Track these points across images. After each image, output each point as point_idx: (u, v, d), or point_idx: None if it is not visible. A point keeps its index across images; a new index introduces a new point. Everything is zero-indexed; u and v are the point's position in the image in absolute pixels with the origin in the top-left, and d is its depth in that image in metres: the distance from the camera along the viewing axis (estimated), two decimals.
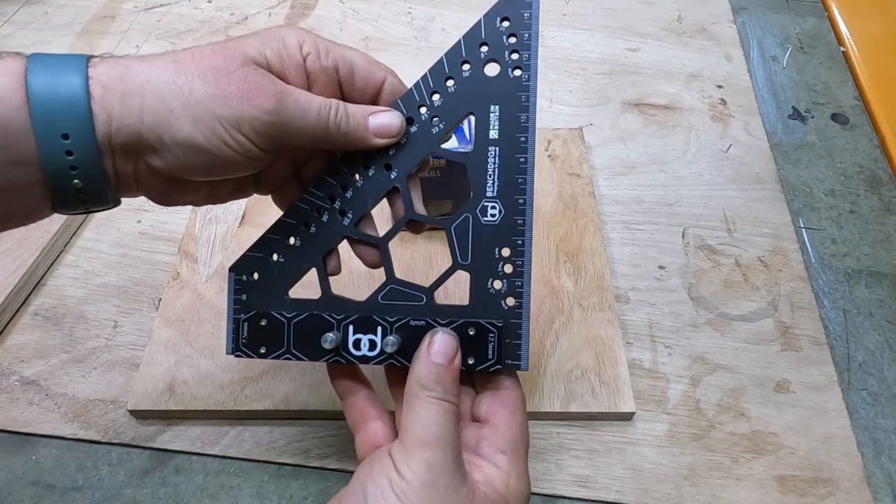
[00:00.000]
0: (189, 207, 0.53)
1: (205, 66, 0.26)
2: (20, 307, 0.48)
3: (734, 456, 0.42)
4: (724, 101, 0.65)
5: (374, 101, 0.30)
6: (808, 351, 0.47)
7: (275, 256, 0.32)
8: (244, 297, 0.32)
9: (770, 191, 0.57)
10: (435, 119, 0.30)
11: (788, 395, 0.45)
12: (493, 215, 0.30)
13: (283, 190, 0.33)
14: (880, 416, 0.45)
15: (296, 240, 0.31)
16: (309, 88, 0.29)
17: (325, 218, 0.31)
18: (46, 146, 0.24)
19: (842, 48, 0.72)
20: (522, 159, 0.30)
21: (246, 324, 0.32)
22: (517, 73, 0.30)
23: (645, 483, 0.41)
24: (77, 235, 0.53)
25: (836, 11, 0.76)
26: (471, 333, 0.30)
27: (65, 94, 0.24)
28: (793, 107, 0.66)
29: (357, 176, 0.31)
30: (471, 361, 0.30)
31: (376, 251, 0.32)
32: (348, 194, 0.31)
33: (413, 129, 0.30)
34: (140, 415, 0.43)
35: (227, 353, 0.32)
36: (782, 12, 0.77)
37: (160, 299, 0.48)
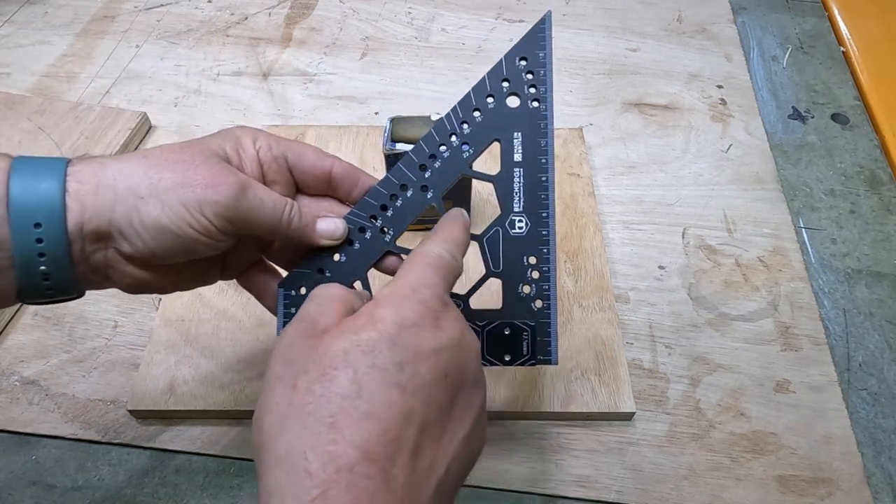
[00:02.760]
0: None
1: (172, 160, 0.29)
2: (20, 307, 0.48)
3: (734, 456, 0.42)
4: (724, 101, 0.65)
5: (328, 184, 0.34)
6: (808, 351, 0.47)
7: (322, 271, 0.34)
8: (293, 311, 0.33)
9: (770, 191, 0.57)
10: (465, 145, 0.34)
11: (788, 395, 0.45)
12: (520, 228, 0.34)
13: (250, 274, 0.35)
14: (880, 416, 0.45)
15: (341, 256, 0.34)
16: (263, 176, 0.32)
17: (367, 235, 0.34)
18: (18, 232, 0.27)
19: (842, 48, 0.72)
20: (544, 178, 0.34)
21: None
22: (535, 104, 0.34)
23: (645, 483, 0.41)
24: None
25: (836, 11, 0.76)
26: (506, 333, 0.34)
27: (42, 187, 0.27)
28: (793, 107, 0.66)
29: (396, 197, 0.34)
30: (507, 358, 0.34)
31: (400, 262, 0.34)
32: (388, 213, 0.34)
33: (446, 153, 0.34)
34: (140, 415, 0.43)
35: None
36: (782, 12, 0.77)
37: (160, 299, 0.48)
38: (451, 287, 0.29)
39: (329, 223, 0.33)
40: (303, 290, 0.33)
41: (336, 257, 0.34)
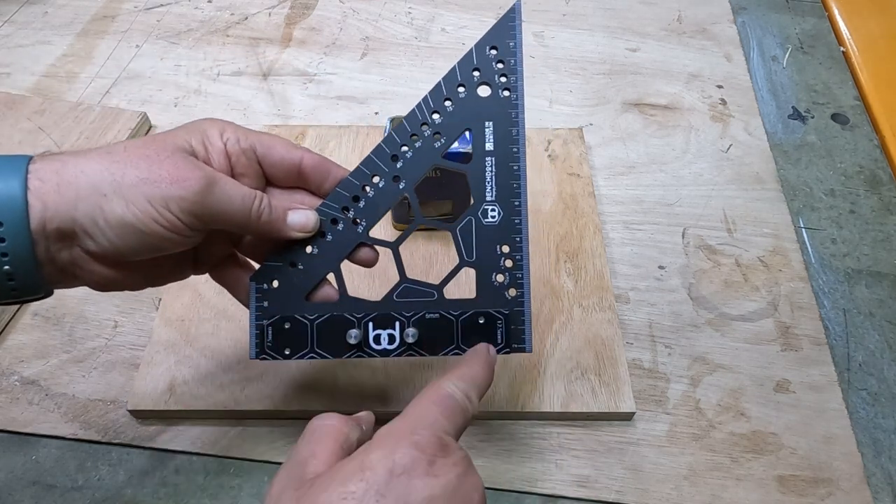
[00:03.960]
0: None
1: (136, 156, 0.28)
2: (20, 307, 0.48)
3: (734, 456, 0.42)
4: (724, 101, 0.65)
5: (299, 176, 0.33)
6: (808, 351, 0.47)
7: (294, 264, 0.34)
8: (265, 303, 0.34)
9: (770, 191, 0.57)
10: (437, 135, 0.34)
11: (788, 395, 0.45)
12: (492, 217, 0.34)
13: (222, 268, 0.35)
14: (880, 416, 0.45)
15: (313, 248, 0.34)
16: (231, 169, 0.32)
17: (340, 227, 0.34)
18: None
19: (842, 48, 0.72)
20: (515, 167, 0.34)
21: (270, 328, 0.34)
22: (506, 93, 0.34)
23: (645, 483, 0.41)
24: None
25: (836, 11, 0.76)
26: (480, 322, 0.34)
27: (2, 186, 0.26)
28: (793, 107, 0.66)
29: (368, 188, 0.34)
30: None
31: (373, 253, 0.35)
32: (361, 204, 0.34)
33: (418, 144, 0.34)
34: (140, 415, 0.43)
35: (251, 358, 0.34)
36: (782, 12, 0.77)
37: (160, 299, 0.48)
38: (459, 430, 0.28)
39: (300, 215, 0.32)
40: (275, 284, 0.33)
41: (308, 249, 0.34)
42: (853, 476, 0.41)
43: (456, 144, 0.44)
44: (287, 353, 0.34)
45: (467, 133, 0.34)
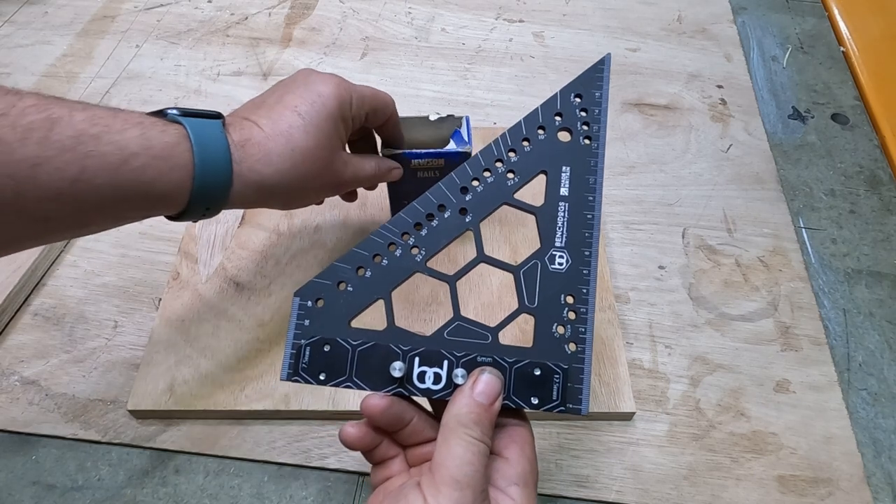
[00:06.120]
0: None
1: (308, 162, 0.35)
2: (20, 307, 0.48)
3: (734, 456, 0.42)
4: (724, 101, 0.65)
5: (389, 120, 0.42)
6: (808, 351, 0.47)
7: (342, 285, 0.32)
8: (306, 322, 0.32)
9: (770, 191, 0.57)
10: (510, 174, 0.33)
11: (788, 395, 0.45)
12: (560, 264, 0.32)
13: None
14: (880, 416, 0.45)
15: (366, 271, 0.32)
16: (348, 137, 0.39)
17: (397, 252, 0.33)
18: (195, 202, 0.32)
19: (842, 48, 0.72)
20: (590, 216, 0.33)
21: (308, 348, 0.32)
22: (587, 141, 0.33)
23: (645, 483, 0.41)
24: None
25: (836, 11, 0.76)
26: (536, 374, 0.31)
27: (217, 169, 0.32)
28: (793, 107, 0.66)
29: (433, 217, 0.33)
30: (535, 401, 0.31)
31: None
32: (423, 232, 0.33)
33: (490, 179, 0.33)
34: (140, 415, 0.43)
35: (282, 379, 0.32)
36: (782, 12, 0.77)
37: (160, 299, 0.48)
38: None
39: (396, 172, 0.44)
40: (320, 303, 0.32)
41: (361, 272, 0.32)
42: (853, 476, 0.41)
43: (452, 144, 0.44)
44: (322, 378, 0.31)
45: (543, 176, 0.33)
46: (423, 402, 0.33)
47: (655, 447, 0.42)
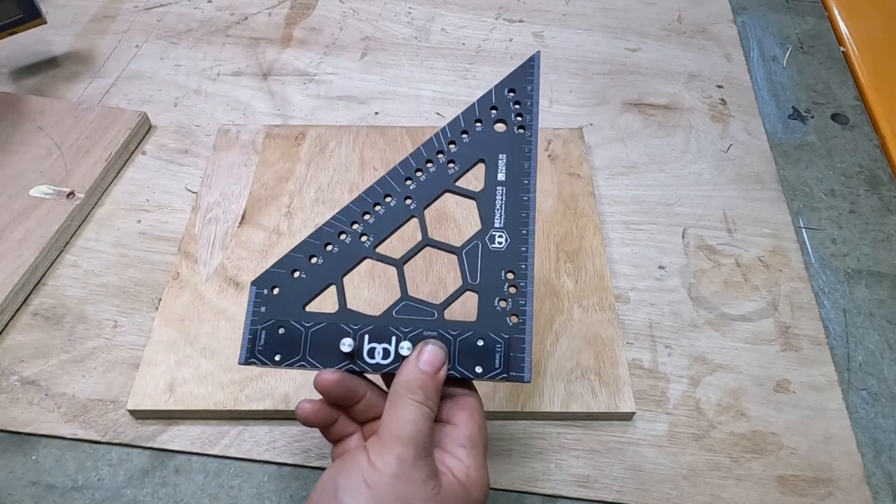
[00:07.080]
0: (189, 207, 0.53)
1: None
2: (20, 307, 0.48)
3: (734, 456, 0.42)
4: (724, 101, 0.65)
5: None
6: (808, 351, 0.47)
7: (296, 273, 0.34)
8: (263, 309, 0.34)
9: (770, 191, 0.57)
10: (451, 163, 0.36)
11: (788, 395, 0.45)
12: (500, 243, 0.35)
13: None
14: (880, 416, 0.45)
15: (318, 258, 0.34)
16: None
17: (347, 240, 0.35)
18: None
19: (842, 48, 0.72)
20: (525, 197, 0.35)
21: (264, 332, 0.34)
22: (521, 130, 0.36)
23: (645, 483, 0.41)
24: (77, 235, 0.53)
25: (836, 11, 0.76)
26: (479, 344, 0.33)
27: None
28: (793, 107, 0.66)
29: (379, 206, 0.35)
30: (479, 370, 0.33)
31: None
32: (370, 220, 0.35)
33: (432, 169, 0.36)
34: (140, 415, 0.43)
35: (240, 363, 0.33)
36: (782, 12, 0.77)
37: (160, 299, 0.48)
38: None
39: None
40: (275, 291, 0.34)
41: (313, 260, 0.34)
42: (853, 476, 0.41)
43: None
44: (277, 359, 0.33)
45: (482, 164, 0.36)
46: (378, 380, 0.35)
47: (655, 447, 0.42)
